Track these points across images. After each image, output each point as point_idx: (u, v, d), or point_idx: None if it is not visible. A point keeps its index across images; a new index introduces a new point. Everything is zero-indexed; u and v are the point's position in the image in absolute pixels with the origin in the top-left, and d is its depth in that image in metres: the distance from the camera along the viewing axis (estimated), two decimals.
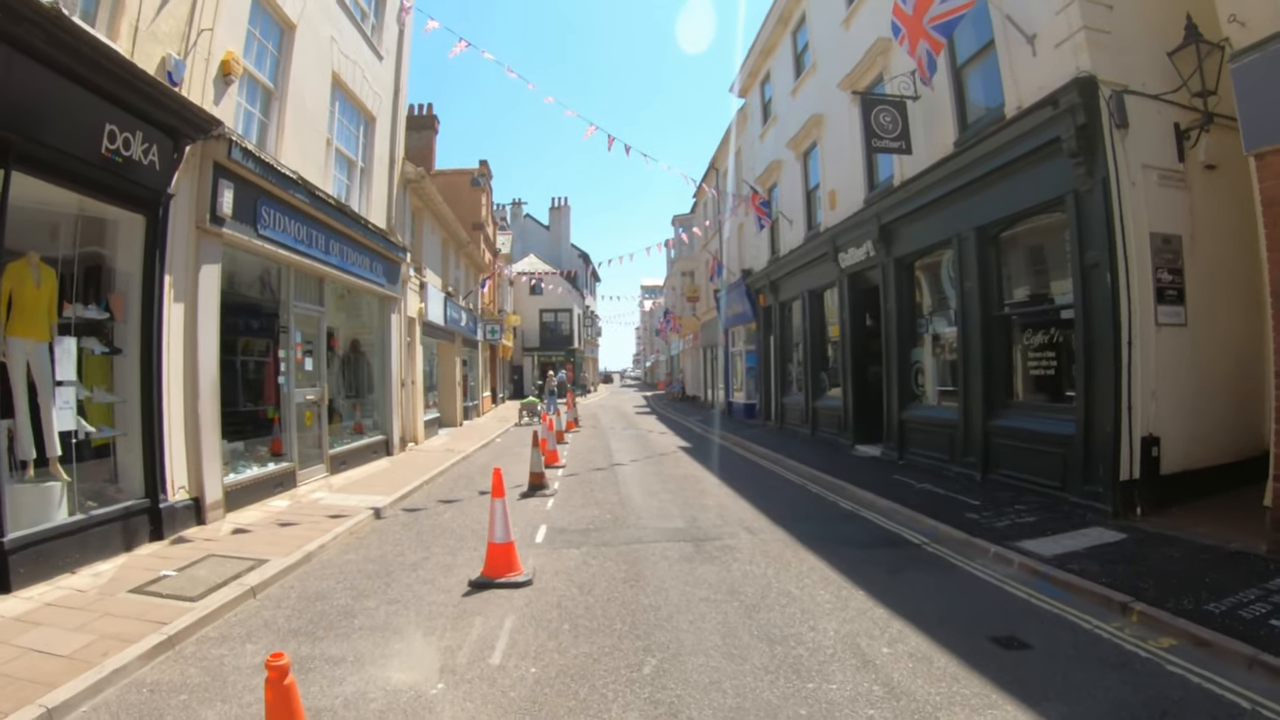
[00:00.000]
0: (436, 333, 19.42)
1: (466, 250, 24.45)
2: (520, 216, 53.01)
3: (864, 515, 8.57)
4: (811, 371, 16.50)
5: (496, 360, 32.92)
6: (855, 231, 13.49)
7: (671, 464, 13.05)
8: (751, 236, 21.78)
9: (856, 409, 14.13)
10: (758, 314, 21.36)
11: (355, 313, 13.74)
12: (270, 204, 8.82)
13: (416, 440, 16.13)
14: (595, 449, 15.81)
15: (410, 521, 8.16)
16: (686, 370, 42.10)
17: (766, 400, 20.88)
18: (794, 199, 17.55)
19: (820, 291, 16.32)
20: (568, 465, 12.83)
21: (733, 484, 10.68)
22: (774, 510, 8.68)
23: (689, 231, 27.51)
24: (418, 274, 16.83)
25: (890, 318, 12.59)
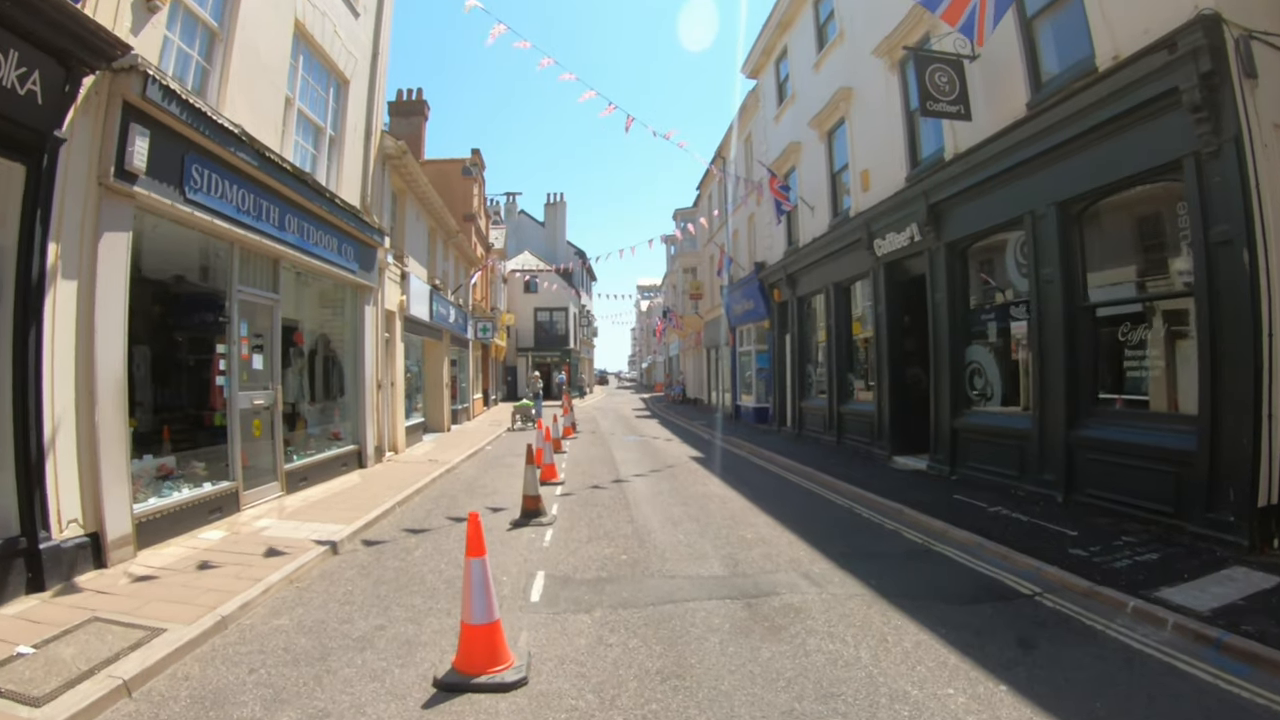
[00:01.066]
0: (421, 329, 17.68)
1: (456, 241, 22.71)
2: (515, 211, 51.23)
3: (940, 550, 6.91)
4: (837, 373, 14.84)
5: (488, 360, 31.16)
6: (895, 215, 11.84)
7: (687, 478, 11.36)
8: (764, 227, 20.12)
9: (894, 415, 12.47)
10: (771, 310, 19.69)
11: (323, 304, 11.99)
12: (205, 163, 7.09)
13: (396, 449, 14.39)
14: (597, 460, 14.11)
15: (370, 562, 6.42)
16: (688, 372, 40.41)
17: (781, 404, 19.21)
18: (815, 183, 15.89)
19: (848, 284, 14.66)
20: (567, 481, 11.12)
21: (766, 506, 9.00)
22: (828, 544, 6.99)
23: (695, 224, 25.80)
24: (398, 262, 15.09)
25: (939, 311, 10.94)
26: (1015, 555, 6.47)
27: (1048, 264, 8.78)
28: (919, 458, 11.83)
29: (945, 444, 10.76)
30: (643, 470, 12.37)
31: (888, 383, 12.52)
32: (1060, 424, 8.57)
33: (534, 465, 8.24)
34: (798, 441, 16.19)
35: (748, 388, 24.50)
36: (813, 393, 17.09)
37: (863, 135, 13.46)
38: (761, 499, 9.47)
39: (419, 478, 11.07)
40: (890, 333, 12.52)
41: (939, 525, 7.71)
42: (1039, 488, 8.82)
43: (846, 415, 14.48)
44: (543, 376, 44.18)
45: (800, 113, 16.59)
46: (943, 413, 10.86)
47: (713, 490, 10.16)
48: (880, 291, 12.70)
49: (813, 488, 10.52)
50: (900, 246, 11.82)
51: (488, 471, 12.59)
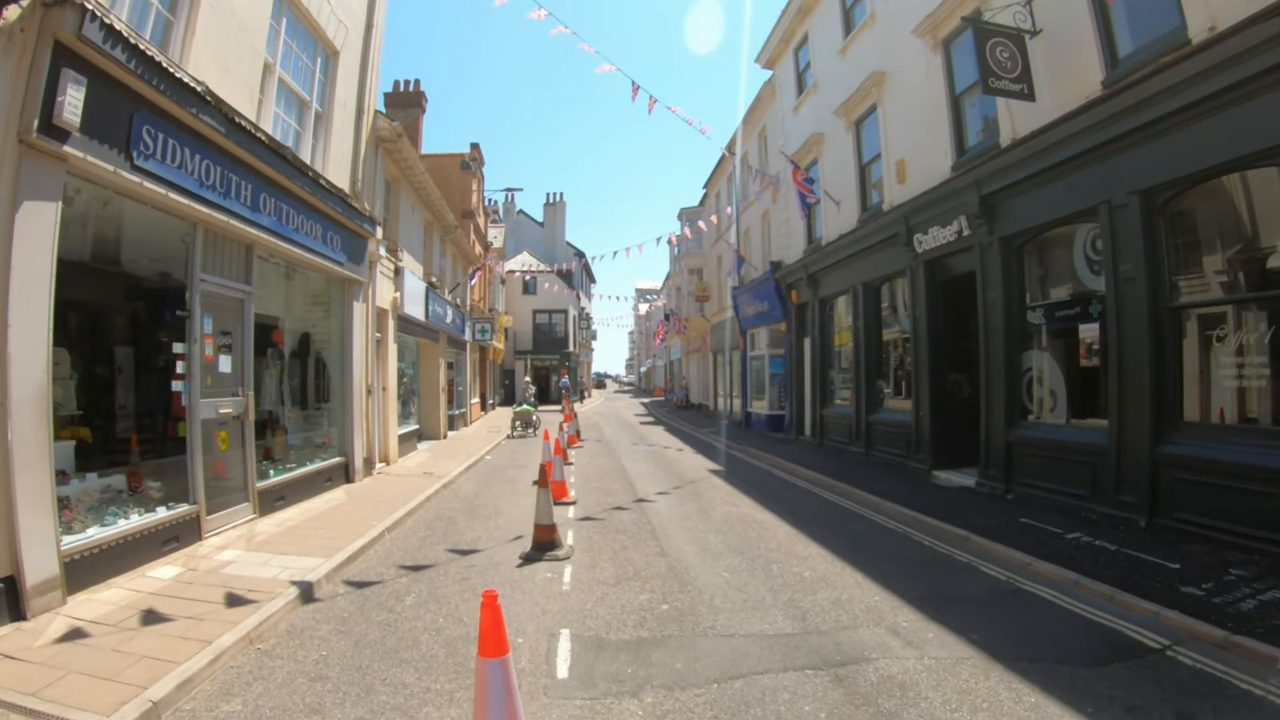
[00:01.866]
0: (416, 329, 16.51)
1: (454, 238, 21.55)
2: (513, 211, 50.07)
3: (1030, 590, 5.84)
4: (865, 379, 13.74)
5: (486, 363, 29.97)
6: (939, 207, 10.78)
7: (713, 497, 10.23)
8: (781, 225, 19.05)
9: (935, 426, 11.37)
10: (788, 313, 18.60)
11: (307, 300, 10.84)
12: (160, 125, 5.94)
13: (388, 460, 13.23)
14: (609, 473, 12.97)
15: (352, 612, 5.25)
16: (691, 376, 39.30)
17: (798, 412, 18.11)
18: (841, 176, 14.82)
19: (879, 284, 13.58)
20: (580, 500, 9.98)
21: (811, 533, 7.88)
22: (902, 585, 5.89)
23: (704, 222, 24.69)
24: (391, 256, 13.94)
25: (991, 313, 9.88)
26: (1122, 596, 5.49)
27: (1128, 259, 7.74)
28: (963, 473, 10.75)
29: (998, 459, 9.67)
30: (662, 486, 11.23)
31: (927, 391, 11.43)
32: (1143, 439, 7.53)
33: (547, 489, 7.08)
34: (820, 452, 15.09)
35: (759, 394, 23.37)
36: (835, 400, 15.99)
37: (898, 123, 12.39)
38: (803, 523, 8.34)
39: (412, 495, 9.91)
40: (931, 336, 11.43)
41: (1018, 557, 6.63)
42: (1116, 510, 7.76)
43: (876, 425, 13.38)
44: (540, 380, 43.11)
45: (824, 102, 15.53)
46: (994, 424, 9.78)
47: (745, 512, 9.02)
48: (920, 291, 11.62)
49: (854, 508, 9.40)
50: (945, 242, 10.75)
51: (489, 487, 11.44)
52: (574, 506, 9.44)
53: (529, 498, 10.34)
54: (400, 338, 15.19)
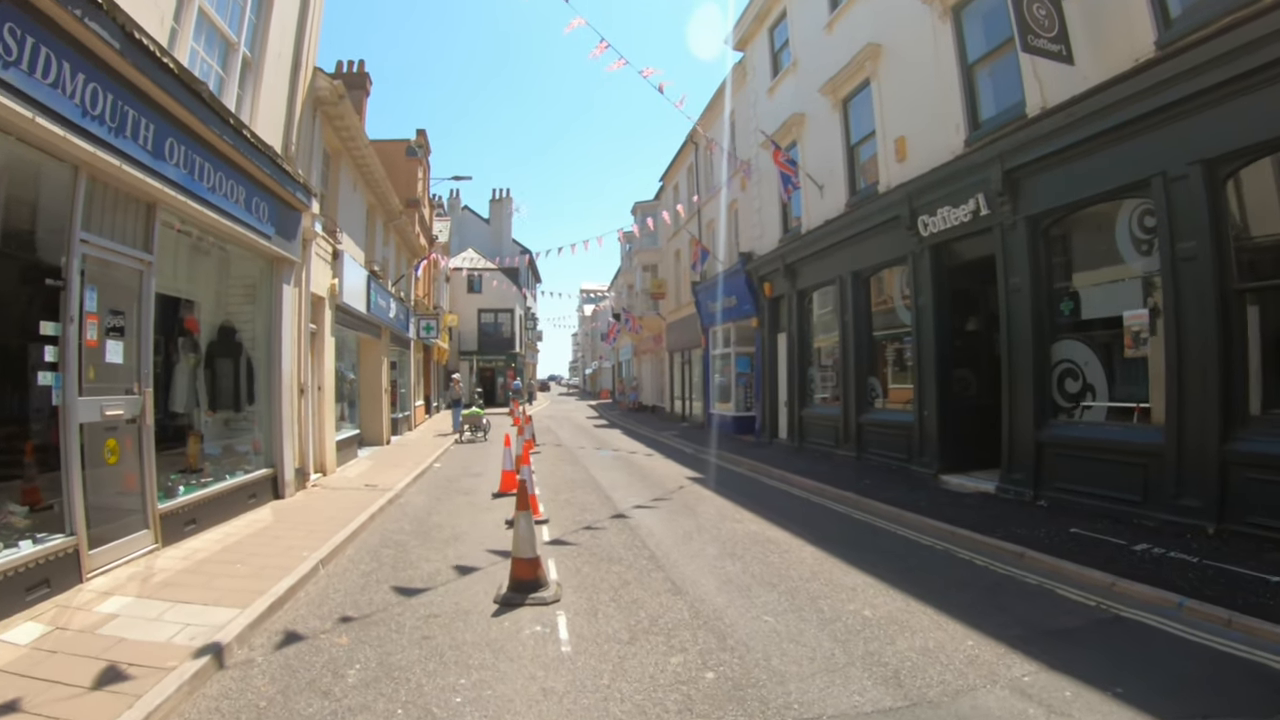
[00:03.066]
0: (356, 322, 14.79)
1: (398, 225, 19.81)
2: (458, 206, 48.05)
3: (1136, 618, 4.92)
4: (855, 377, 12.78)
5: (430, 363, 28.08)
6: (950, 186, 9.86)
7: (707, 511, 9.00)
8: (752, 214, 18.03)
9: (942, 426, 10.45)
10: (760, 307, 17.59)
11: (229, 280, 9.13)
12: (27, 23, 4.34)
13: (325, 470, 11.55)
14: (577, 482, 11.60)
15: (274, 698, 3.72)
16: (644, 377, 38.12)
17: (771, 413, 17.09)
18: (825, 159, 13.87)
19: (871, 273, 12.64)
20: (552, 517, 8.60)
21: (843, 554, 6.72)
22: (988, 621, 4.79)
23: (657, 218, 23.54)
24: (329, 237, 12.26)
25: (1015, 300, 8.99)
26: (1242, 620, 4.63)
27: (1188, 236, 6.90)
28: (976, 477, 9.85)
29: (1025, 461, 8.77)
30: (642, 498, 9.94)
31: (934, 388, 10.50)
32: (1208, 436, 6.72)
33: (528, 512, 5.66)
34: (803, 456, 14.07)
35: (723, 395, 22.34)
36: (815, 400, 15.02)
37: (896, 97, 11.47)
38: (826, 542, 7.18)
39: (353, 513, 8.35)
40: (938, 328, 10.51)
41: (1097, 576, 5.67)
42: (1176, 516, 6.91)
43: (870, 426, 12.42)
44: (486, 381, 41.24)
45: (805, 80, 14.57)
46: (1020, 424, 8.88)
47: (753, 529, 7.81)
48: (924, 279, 10.68)
49: (873, 520, 8.32)
50: (957, 224, 9.83)
51: (443, 501, 9.95)
52: (546, 526, 8.04)
53: (491, 513, 8.94)
54: (339, 331, 13.50)
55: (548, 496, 9.96)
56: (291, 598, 5.43)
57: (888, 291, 12.54)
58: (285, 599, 5.29)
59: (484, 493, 10.66)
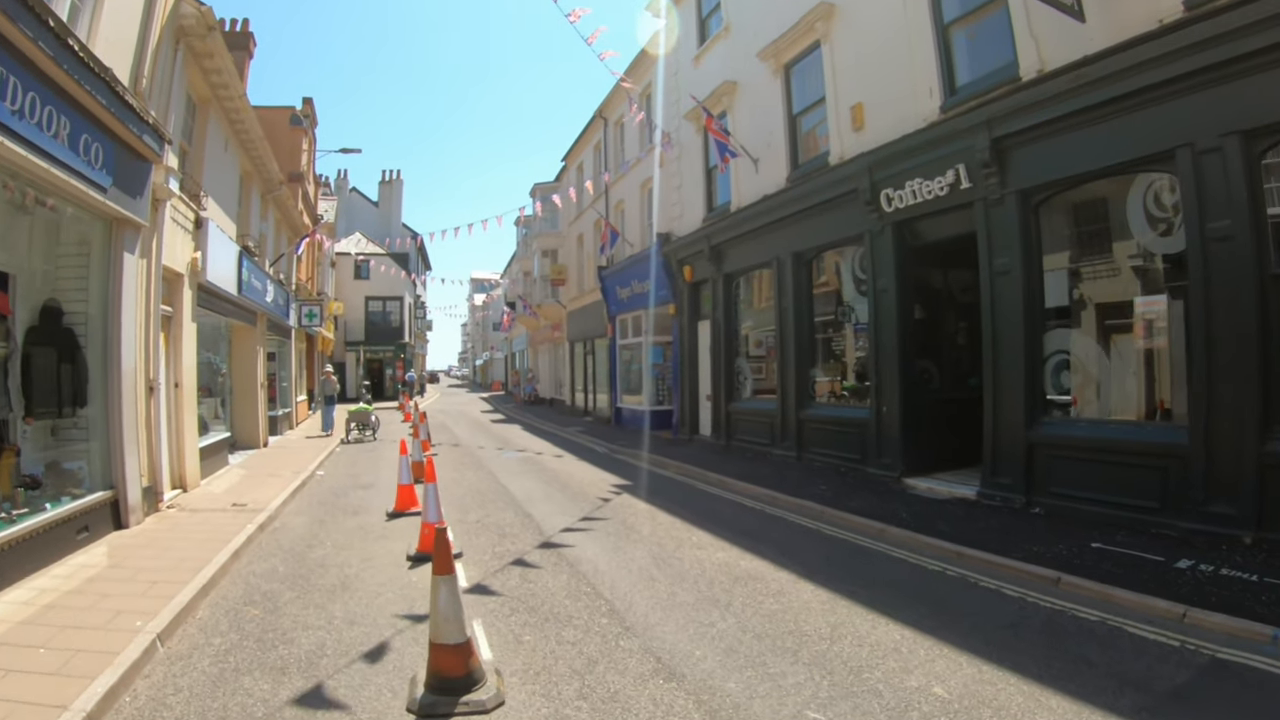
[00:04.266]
0: (226, 306, 11.99)
1: (278, 198, 16.81)
2: (346, 188, 43.85)
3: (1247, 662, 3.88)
4: (796, 368, 11.51)
5: (314, 355, 24.75)
6: (922, 156, 8.69)
7: (650, 530, 7.30)
8: (671, 192, 16.50)
9: (906, 424, 9.32)
10: (678, 292, 16.12)
11: (56, 249, 6.55)
12: None
13: (185, 484, 8.96)
14: (487, 494, 9.62)
15: None
16: (541, 369, 35.94)
17: (691, 408, 15.68)
18: (761, 130, 12.52)
19: (813, 255, 11.39)
20: (465, 547, 6.61)
21: (849, 592, 5.20)
22: (1091, 689, 3.50)
23: (562, 196, 21.59)
24: (192, 202, 9.56)
25: (1001, 285, 7.92)
26: None
27: (1220, 215, 5.96)
28: (948, 479, 8.81)
29: (1012, 463, 7.73)
30: (569, 515, 8.10)
31: (897, 381, 9.34)
32: (1245, 436, 5.85)
33: (450, 577, 3.69)
34: (733, 456, 12.72)
35: (633, 387, 20.81)
36: (746, 394, 13.73)
37: (853, 61, 10.21)
38: (819, 573, 5.65)
39: (213, 549, 6.05)
40: (901, 315, 9.36)
41: (1164, 606, 4.74)
42: (1204, 524, 6.01)
43: (813, 423, 11.19)
44: (374, 374, 37.78)
45: (739, 46, 13.15)
46: (1005, 422, 7.84)
47: (723, 558, 6.15)
48: (886, 260, 9.50)
49: (855, 538, 6.88)
50: (930, 198, 8.67)
51: (326, 525, 7.71)
52: (460, 562, 6.08)
53: (387, 543, 6.89)
54: (204, 316, 10.84)
55: (455, 516, 7.93)
56: (117, 698, 3.32)
57: (832, 274, 11.38)
58: (111, 695, 3.21)
59: (376, 511, 8.52)
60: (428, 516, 6.25)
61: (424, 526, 6.23)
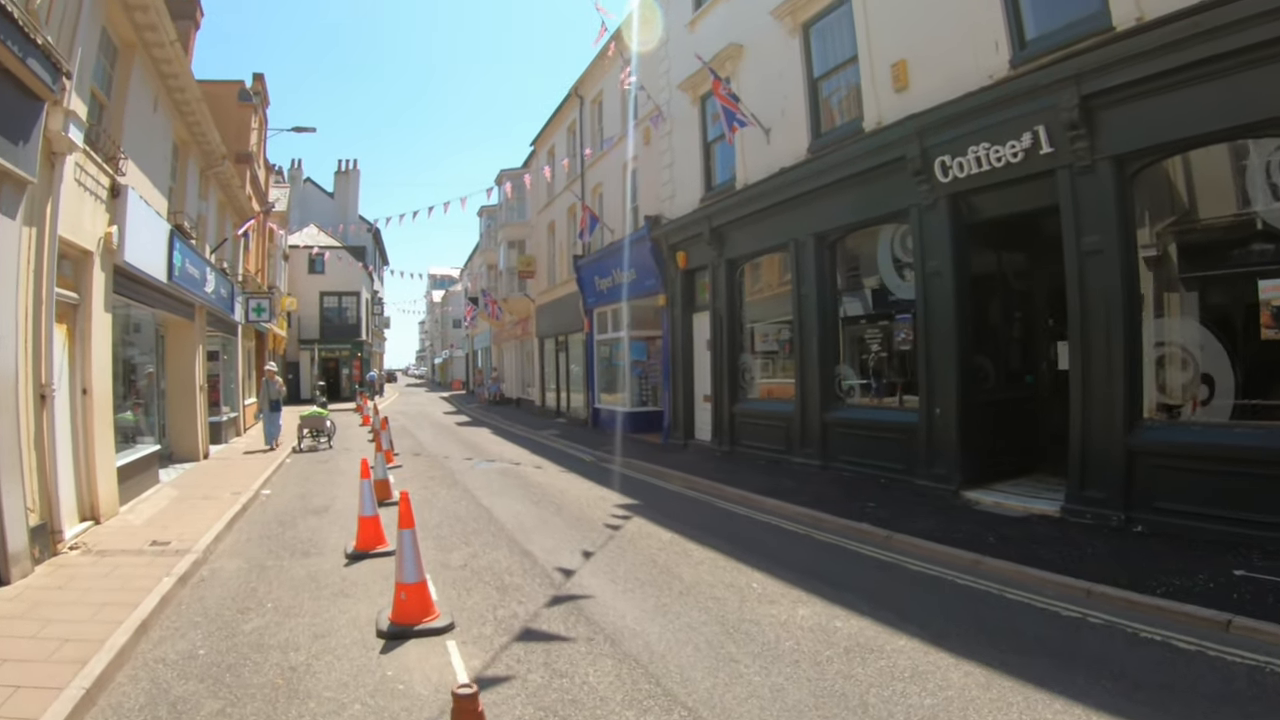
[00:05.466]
0: (153, 295, 10.01)
1: (221, 177, 14.79)
2: (300, 179, 41.30)
3: None
4: (820, 365, 10.20)
5: (265, 354, 22.60)
6: (986, 118, 7.44)
7: (695, 574, 5.76)
8: (660, 170, 15.03)
9: (964, 428, 8.07)
10: (669, 281, 14.69)
11: None
12: None
13: (98, 513, 7.15)
14: (468, 521, 7.98)
15: None
16: (507, 367, 34.13)
17: (685, 409, 14.26)
18: (774, 98, 11.15)
19: (839, 236, 10.10)
20: (451, 605, 5.05)
21: (1016, 670, 3.82)
22: None
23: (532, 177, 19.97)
24: (106, 165, 7.67)
25: (1092, 265, 6.72)
26: None
27: None
28: (1015, 492, 7.65)
29: (1108, 475, 6.54)
30: (579, 553, 6.51)
31: (955, 379, 8.07)
32: None
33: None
34: (741, 464, 11.34)
35: (613, 386, 19.31)
36: (754, 393, 12.40)
37: (890, 15, 8.93)
38: (950, 636, 4.23)
39: (111, 623, 4.35)
40: (959, 302, 8.10)
41: None
42: None
43: (842, 428, 9.88)
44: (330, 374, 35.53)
45: (746, 5, 11.73)
46: (1098, 426, 6.63)
47: (807, 616, 4.64)
48: (938, 239, 8.22)
49: (957, 577, 5.44)
50: (999, 166, 7.40)
51: (268, 576, 5.97)
52: (452, 639, 4.44)
53: (347, 602, 5.23)
54: (125, 306, 9.00)
55: (433, 556, 6.26)
56: None
57: (865, 257, 10.11)
58: None
59: (332, 549, 6.83)
60: (404, 574, 4.68)
61: (400, 589, 4.65)
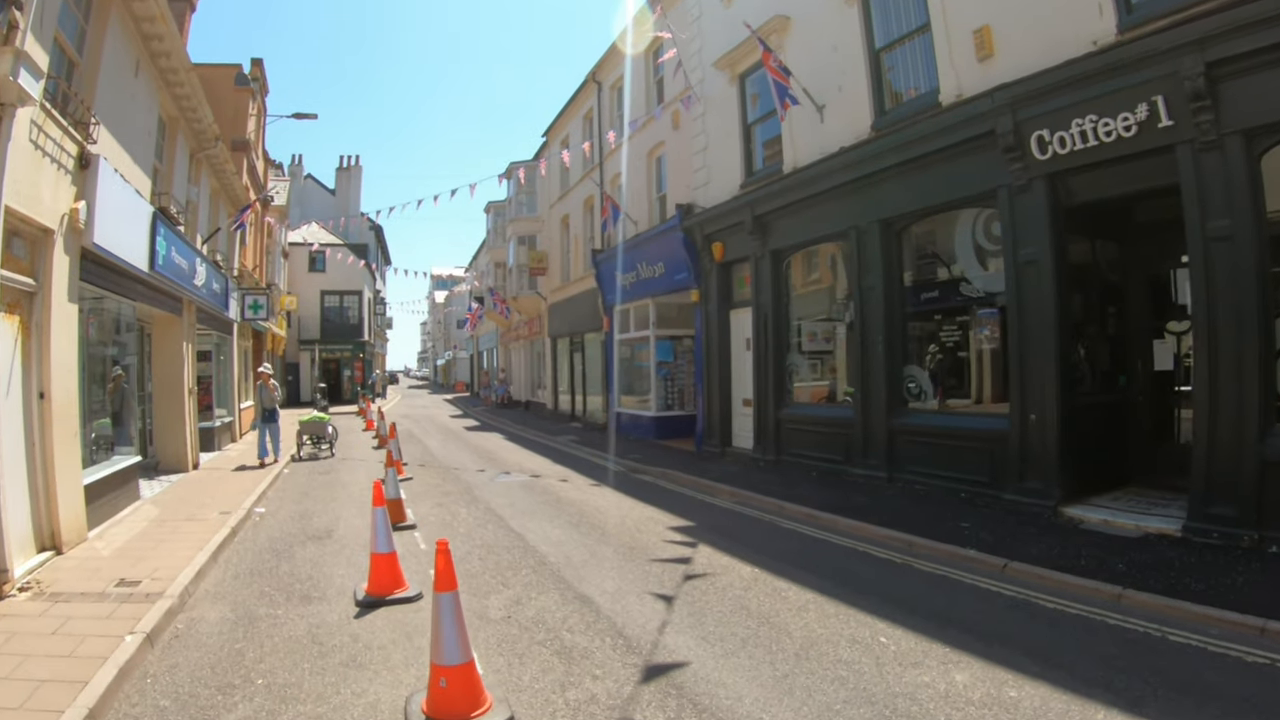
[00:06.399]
0: (134, 286, 9.28)
1: (214, 161, 14.15)
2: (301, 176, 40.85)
3: None
4: (886, 366, 9.49)
5: (262, 354, 22.00)
6: (1091, 88, 6.82)
7: (833, 637, 4.74)
8: (692, 156, 14.31)
9: (1064, 437, 7.34)
10: (702, 275, 13.99)
11: None
12: None
13: (59, 541, 6.39)
14: (502, 554, 7.19)
15: None
16: (515, 368, 33.49)
17: (721, 414, 13.52)
18: (828, 72, 10.46)
19: (908, 223, 9.42)
20: (508, 689, 4.00)
21: None
22: None
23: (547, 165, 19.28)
24: (74, 130, 6.93)
25: (1220, 252, 6.09)
26: None
27: None
28: (1118, 507, 7.06)
29: (1237, 490, 5.93)
30: (649, 597, 5.65)
31: (1055, 381, 7.36)
32: None
33: None
34: (789, 475, 10.66)
35: (635, 388, 18.65)
36: (803, 396, 11.68)
37: None
38: None
39: (51, 708, 3.59)
40: (1059, 295, 7.38)
41: None
42: None
43: (912, 436, 9.17)
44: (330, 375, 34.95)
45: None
46: (1227, 435, 6.04)
47: (963, 683, 3.81)
48: (1033, 224, 7.53)
49: (1106, 616, 4.73)
50: (1109, 141, 6.71)
51: (259, 629, 5.05)
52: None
53: (361, 677, 4.23)
54: (100, 298, 8.32)
55: (469, 603, 4.86)
56: None
57: (939, 244, 9.41)
58: None
59: (338, 592, 5.83)
60: (444, 652, 3.63)
61: (438, 672, 3.60)
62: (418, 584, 5.75)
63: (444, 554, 3.90)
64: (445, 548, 3.93)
